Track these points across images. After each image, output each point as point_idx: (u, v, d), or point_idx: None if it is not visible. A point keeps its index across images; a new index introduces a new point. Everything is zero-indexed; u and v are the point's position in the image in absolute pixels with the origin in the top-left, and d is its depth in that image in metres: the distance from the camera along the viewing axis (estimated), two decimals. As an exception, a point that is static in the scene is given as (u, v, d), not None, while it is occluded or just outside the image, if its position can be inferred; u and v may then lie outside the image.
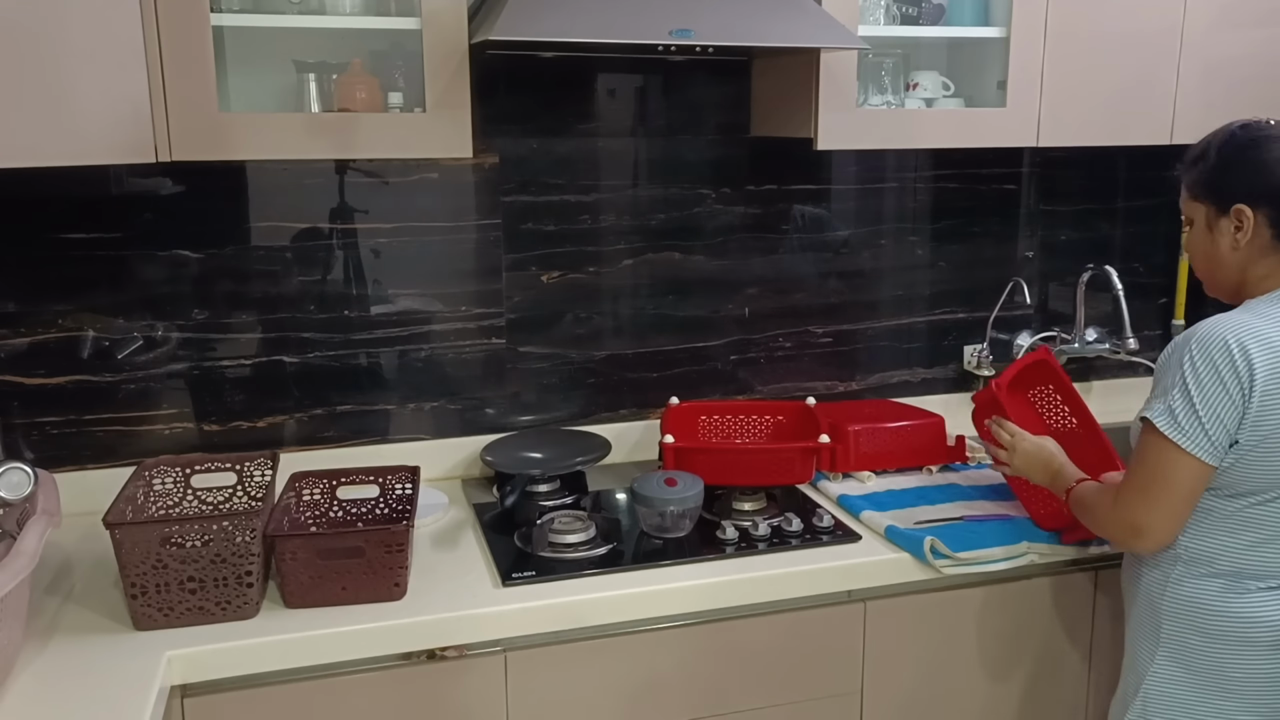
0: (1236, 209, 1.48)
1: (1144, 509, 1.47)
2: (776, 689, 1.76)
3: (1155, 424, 1.44)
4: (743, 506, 1.92)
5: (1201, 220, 1.54)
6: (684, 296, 2.25)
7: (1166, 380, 1.46)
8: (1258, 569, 1.47)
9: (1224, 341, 1.41)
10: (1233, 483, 1.45)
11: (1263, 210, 1.47)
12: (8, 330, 1.86)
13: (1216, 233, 1.51)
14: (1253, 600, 1.47)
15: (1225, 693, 1.49)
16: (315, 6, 1.75)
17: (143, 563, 1.48)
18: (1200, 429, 1.41)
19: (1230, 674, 1.48)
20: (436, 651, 1.58)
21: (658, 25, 1.66)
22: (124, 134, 1.55)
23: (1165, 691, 1.53)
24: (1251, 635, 1.47)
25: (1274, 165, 1.46)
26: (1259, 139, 1.48)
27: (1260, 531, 1.47)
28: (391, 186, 2.01)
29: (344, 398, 2.06)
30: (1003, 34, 2.02)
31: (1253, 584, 1.48)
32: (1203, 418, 1.41)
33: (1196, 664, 1.50)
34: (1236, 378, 1.40)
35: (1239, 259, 1.50)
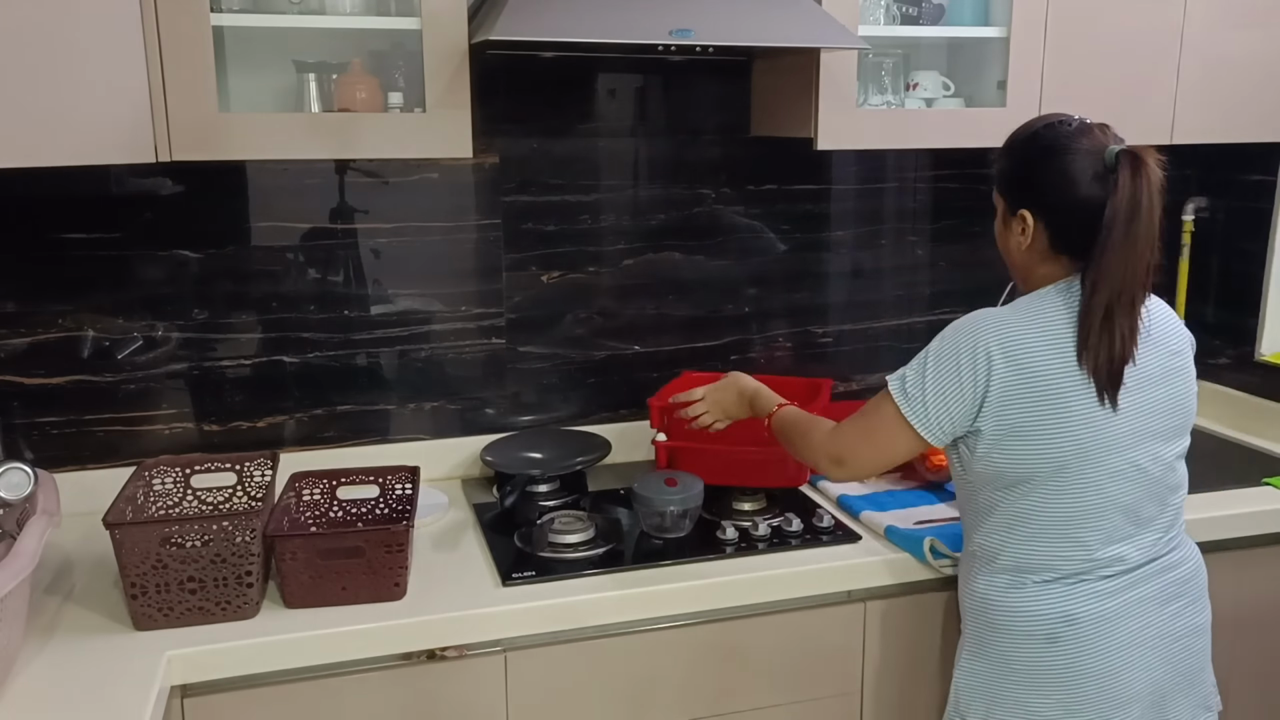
0: (1021, 213, 1.52)
1: (854, 447, 1.56)
2: (776, 689, 1.76)
3: (889, 386, 1.52)
4: (743, 506, 1.92)
5: (1000, 211, 1.58)
6: (684, 296, 2.25)
7: (920, 352, 1.52)
8: (1034, 563, 1.50)
9: (972, 341, 1.46)
10: (997, 473, 1.49)
11: (1041, 219, 1.50)
12: (8, 330, 1.86)
13: (1007, 228, 1.56)
14: (1028, 594, 1.50)
15: (1018, 684, 1.52)
16: (315, 6, 1.75)
17: (143, 563, 1.48)
18: (922, 401, 1.48)
19: (1015, 666, 1.52)
20: (436, 651, 1.58)
21: (658, 25, 1.66)
22: (124, 134, 1.55)
23: (970, 685, 1.57)
24: (1028, 628, 1.50)
25: (1059, 177, 1.46)
26: (1056, 148, 1.47)
27: (1030, 525, 1.49)
28: (391, 186, 2.02)
29: (344, 398, 2.06)
30: (1003, 34, 2.02)
31: (1029, 578, 1.50)
32: (928, 398, 1.48)
33: (991, 656, 1.54)
34: (973, 376, 1.45)
35: (1023, 258, 1.55)
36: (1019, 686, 1.51)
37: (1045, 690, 1.50)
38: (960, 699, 1.58)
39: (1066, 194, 1.46)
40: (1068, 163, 1.45)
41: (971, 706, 1.57)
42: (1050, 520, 1.48)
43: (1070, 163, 1.45)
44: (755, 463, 1.93)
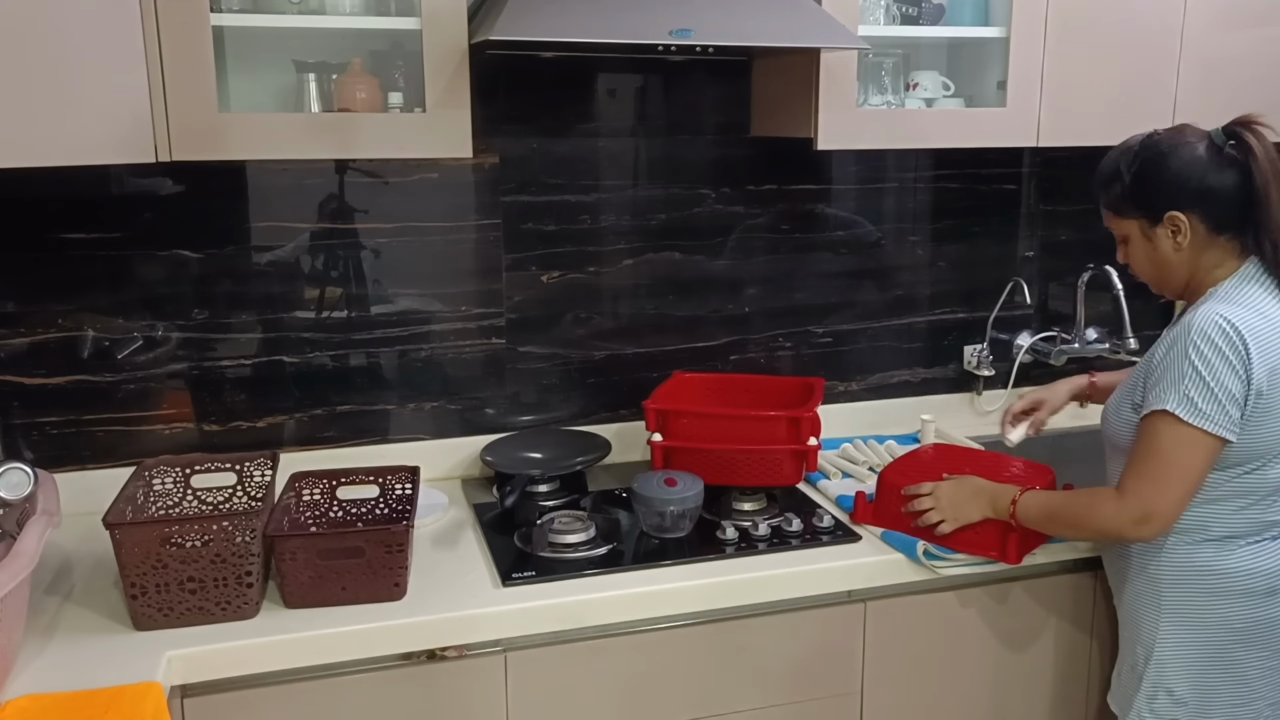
0: (1169, 216, 1.57)
1: (1157, 496, 1.52)
2: (776, 689, 1.76)
3: (1177, 414, 1.50)
4: (743, 506, 1.92)
5: (1137, 233, 1.63)
6: (684, 296, 2.25)
7: (1172, 373, 1.52)
8: (1244, 529, 1.57)
9: (1221, 327, 1.50)
10: (1227, 456, 1.53)
11: (1192, 211, 1.56)
12: (8, 330, 1.86)
13: (1155, 240, 1.60)
14: (1243, 554, 1.57)
15: (1235, 643, 1.58)
16: (315, 6, 1.75)
17: (143, 563, 1.48)
18: (1220, 409, 1.49)
19: (1235, 626, 1.58)
20: (436, 651, 1.58)
21: (658, 25, 1.66)
22: (124, 134, 1.55)
23: (1177, 654, 1.61)
24: (1248, 585, 1.57)
25: (1188, 169, 1.56)
26: (1164, 150, 1.58)
27: (1247, 498, 1.56)
28: (391, 186, 2.02)
29: (344, 398, 2.06)
30: (1003, 34, 2.02)
31: (1240, 541, 1.57)
32: (1220, 398, 1.49)
33: (1202, 622, 1.59)
34: (1239, 355, 1.49)
35: (1184, 258, 1.60)
36: (1237, 645, 1.58)
37: (1263, 642, 1.57)
38: (1165, 672, 1.61)
39: (1206, 178, 1.55)
40: (1185, 153, 1.56)
41: (1179, 677, 1.60)
42: (1263, 491, 1.55)
43: (1192, 152, 1.56)
44: (753, 462, 1.92)
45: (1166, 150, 1.57)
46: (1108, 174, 1.64)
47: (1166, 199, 1.57)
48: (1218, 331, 1.49)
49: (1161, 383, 1.53)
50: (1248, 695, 1.59)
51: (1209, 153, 1.55)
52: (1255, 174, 1.52)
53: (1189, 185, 1.55)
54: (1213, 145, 1.56)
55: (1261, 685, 1.59)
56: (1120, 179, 1.61)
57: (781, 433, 1.92)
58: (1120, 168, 1.61)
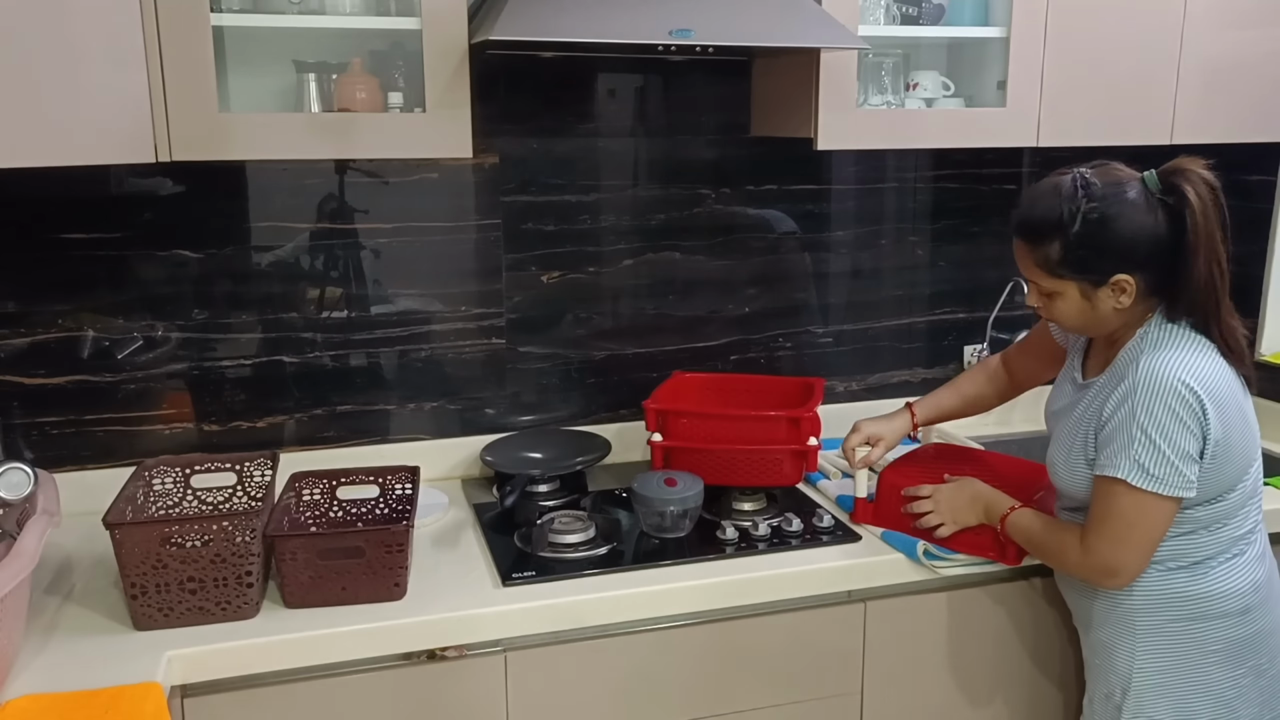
0: (1115, 280, 1.50)
1: (1119, 554, 1.52)
2: (776, 689, 1.76)
3: (1130, 482, 1.48)
4: (743, 506, 1.92)
5: (1074, 293, 1.53)
6: (684, 296, 2.25)
7: (1122, 437, 1.49)
8: (1216, 549, 1.56)
9: (1176, 389, 1.46)
10: (1203, 487, 1.51)
11: (1138, 273, 1.49)
12: (8, 330, 1.86)
13: (1094, 300, 1.53)
14: (1217, 575, 1.55)
15: (1213, 664, 1.57)
16: (315, 6, 1.75)
17: (143, 563, 1.48)
18: (1174, 471, 1.47)
19: (1210, 647, 1.57)
20: (436, 651, 1.58)
21: (658, 25, 1.66)
22: (124, 134, 1.55)
23: (1155, 681, 1.59)
24: (1223, 607, 1.55)
25: (1137, 232, 1.47)
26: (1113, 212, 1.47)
27: (1219, 521, 1.55)
28: (391, 186, 2.02)
29: (344, 398, 2.06)
30: (1003, 34, 2.02)
31: (1212, 564, 1.56)
32: (1174, 460, 1.46)
33: (1179, 646, 1.58)
34: (1195, 417, 1.46)
35: (1122, 316, 1.54)
36: (1214, 666, 1.57)
37: (1239, 660, 1.57)
38: (1144, 700, 1.59)
39: (1151, 239, 1.47)
40: (1132, 212, 1.47)
41: (1160, 703, 1.59)
42: (1226, 511, 1.54)
43: (1134, 210, 1.47)
44: (753, 462, 1.92)
45: (1115, 210, 1.47)
46: (1041, 229, 1.51)
47: (1116, 263, 1.48)
48: (1173, 395, 1.45)
49: (1112, 445, 1.50)
50: (1227, 714, 1.58)
51: (1148, 204, 1.47)
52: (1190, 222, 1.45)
53: (1140, 249, 1.48)
54: (1147, 192, 1.48)
55: (1239, 703, 1.58)
56: (1060, 238, 1.49)
57: (781, 433, 1.92)
58: (1062, 223, 1.48)
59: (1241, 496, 1.55)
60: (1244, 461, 1.53)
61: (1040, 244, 1.52)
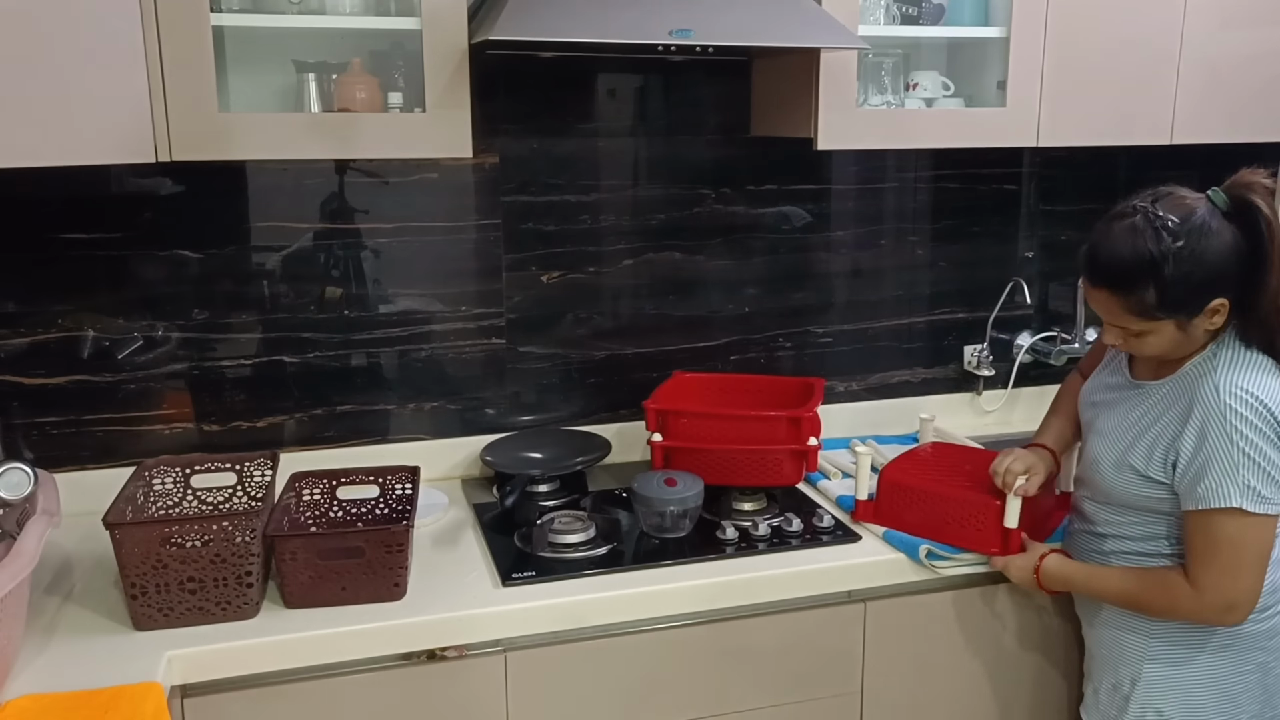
0: (1212, 306, 1.49)
1: (1238, 588, 1.49)
2: (776, 689, 1.76)
3: (1245, 509, 1.46)
4: (743, 506, 1.92)
5: (1169, 328, 1.51)
6: (684, 296, 2.25)
7: (1223, 463, 1.47)
8: None
9: (1253, 405, 1.46)
10: None
11: (1229, 294, 1.49)
12: (8, 330, 1.86)
13: (1189, 329, 1.51)
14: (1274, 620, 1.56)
15: (1217, 657, 1.57)
16: (315, 6, 1.75)
17: (143, 563, 1.48)
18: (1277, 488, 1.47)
19: (1222, 640, 1.57)
20: (436, 651, 1.58)
21: (658, 25, 1.66)
22: (124, 134, 1.55)
23: (1165, 675, 1.60)
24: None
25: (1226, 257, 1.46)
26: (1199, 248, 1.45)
27: None
28: (391, 186, 2.02)
29: (344, 398, 2.06)
30: (1003, 34, 2.02)
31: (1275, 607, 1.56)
32: (1275, 477, 1.47)
33: (1188, 640, 1.58)
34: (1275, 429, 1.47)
35: (1210, 335, 1.54)
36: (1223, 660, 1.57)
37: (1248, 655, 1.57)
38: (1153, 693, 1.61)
39: (1237, 259, 1.47)
40: (1215, 241, 1.46)
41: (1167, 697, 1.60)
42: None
43: (1216, 237, 1.46)
44: (753, 462, 1.92)
45: (1200, 245, 1.45)
46: (1133, 276, 1.47)
47: (1210, 293, 1.47)
48: (1253, 412, 1.46)
49: (1209, 474, 1.47)
50: (1233, 710, 1.59)
51: (1223, 224, 1.46)
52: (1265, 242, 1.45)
53: (1229, 272, 1.47)
54: (1219, 213, 1.47)
55: (1244, 698, 1.59)
56: (1154, 282, 1.46)
57: (781, 433, 1.92)
58: (1152, 266, 1.45)
59: None
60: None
61: (1132, 291, 1.48)
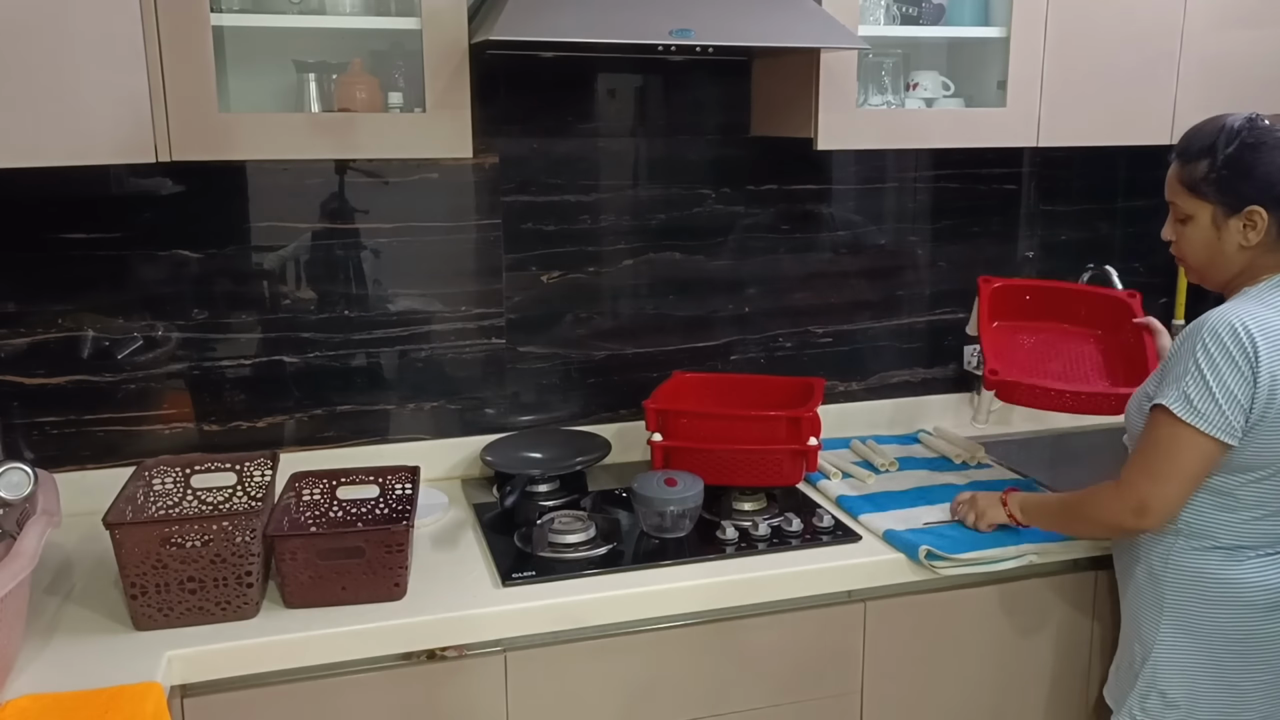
0: (1250, 210, 1.51)
1: (1154, 489, 1.52)
2: (776, 689, 1.76)
3: (1171, 409, 1.49)
4: (743, 506, 1.92)
5: (1206, 218, 1.55)
6: (684, 296, 2.25)
7: (1178, 369, 1.50)
8: (1255, 540, 1.55)
9: (1232, 326, 1.47)
10: (1237, 460, 1.51)
11: (1275, 212, 1.50)
12: (8, 330, 1.86)
13: (1224, 231, 1.54)
14: (1250, 567, 1.55)
15: (1228, 653, 1.57)
16: (315, 6, 1.75)
17: (143, 563, 1.48)
18: (1218, 410, 1.47)
19: (1231, 636, 1.57)
20: (436, 651, 1.58)
21: (658, 25, 1.66)
22: (124, 134, 1.55)
23: (1173, 658, 1.60)
24: (1250, 599, 1.55)
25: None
26: (1269, 143, 1.50)
27: (1261, 508, 1.54)
28: (391, 186, 2.01)
29: (344, 398, 2.06)
30: (1003, 34, 2.02)
31: (1250, 553, 1.55)
32: (1220, 399, 1.47)
33: (1201, 629, 1.58)
34: (1247, 359, 1.46)
35: (1245, 256, 1.55)
36: (1232, 655, 1.57)
37: (1259, 656, 1.56)
38: (1160, 674, 1.61)
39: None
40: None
41: (1173, 680, 1.60)
42: (1275, 499, 1.53)
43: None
44: (753, 462, 1.92)
45: (1271, 143, 1.49)
46: (1197, 149, 1.54)
47: (1255, 192, 1.50)
48: (1228, 331, 1.46)
49: (1167, 377, 1.52)
50: (1239, 706, 1.58)
51: None
52: None
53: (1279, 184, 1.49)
54: None
55: (1256, 699, 1.58)
56: (1211, 157, 1.51)
57: (781, 433, 1.92)
58: (1216, 145, 1.51)
59: None
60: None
61: (1190, 162, 1.54)
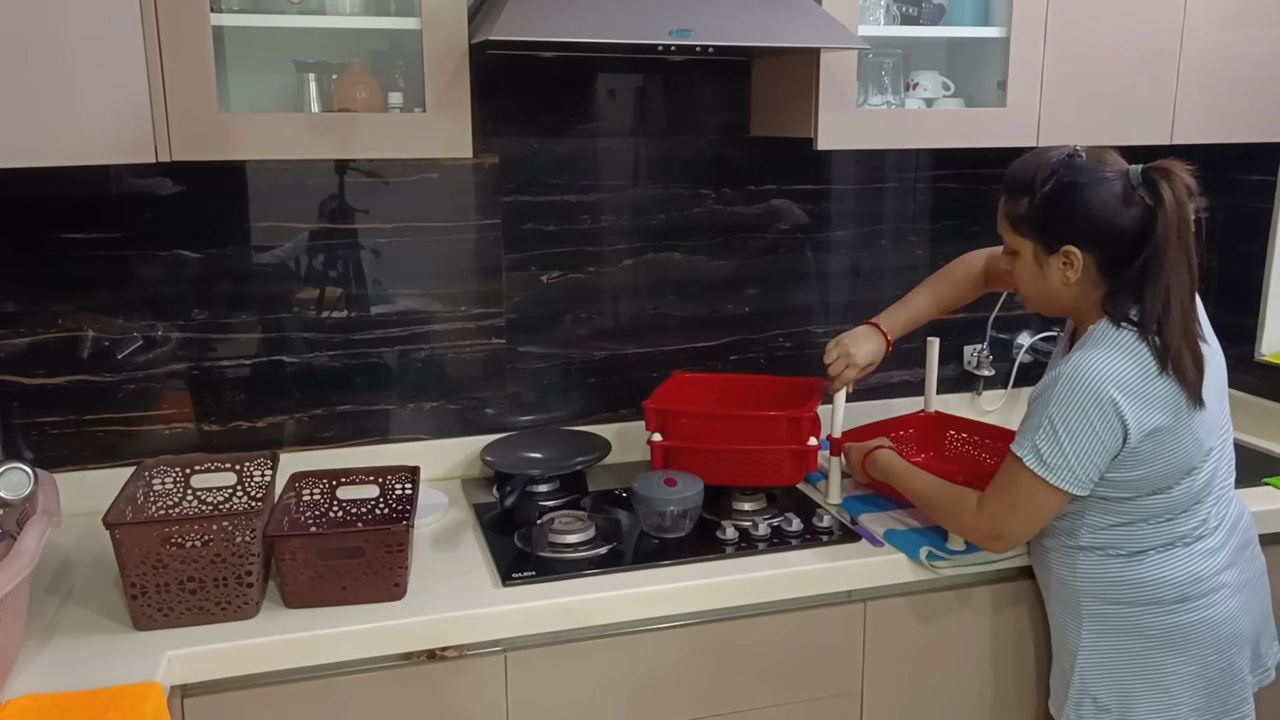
0: (1065, 250, 1.53)
1: (1009, 523, 1.59)
2: (776, 689, 1.76)
3: (1023, 460, 1.53)
4: (743, 506, 1.92)
5: (1029, 254, 1.59)
6: (684, 296, 2.25)
7: (1034, 419, 1.53)
8: (1155, 542, 1.59)
9: (1094, 394, 1.48)
10: (1128, 484, 1.54)
11: (1090, 251, 1.52)
12: (8, 330, 1.86)
13: (1046, 268, 1.57)
14: (1153, 563, 1.59)
15: (1154, 649, 1.60)
16: (315, 6, 1.75)
17: (143, 563, 1.48)
18: (1065, 465, 1.51)
19: (1147, 632, 1.60)
20: (436, 651, 1.58)
21: (658, 25, 1.66)
22: (124, 134, 1.55)
23: (1097, 661, 1.64)
24: (1157, 594, 1.59)
25: (1099, 210, 1.50)
26: (1082, 182, 1.50)
27: (1156, 517, 1.58)
28: (391, 186, 2.02)
29: (344, 398, 2.06)
30: (1003, 34, 2.02)
31: (1151, 552, 1.59)
32: (1069, 454, 1.50)
33: (1118, 629, 1.62)
34: (1107, 426, 1.49)
35: (1071, 292, 1.57)
36: (1153, 651, 1.60)
37: (1179, 648, 1.59)
38: (1088, 679, 1.64)
39: (1111, 221, 1.49)
40: (1103, 191, 1.50)
41: (1101, 684, 1.63)
42: (1168, 508, 1.56)
43: (1106, 190, 1.49)
44: (753, 462, 1.92)
45: (1085, 182, 1.50)
46: (1017, 185, 1.56)
47: (1069, 233, 1.52)
48: (1084, 391, 1.48)
49: (1025, 423, 1.56)
50: (1168, 702, 1.60)
51: (1123, 192, 1.49)
52: (1161, 221, 1.46)
53: (1095, 225, 1.50)
54: (1128, 185, 1.49)
55: (1182, 691, 1.60)
56: (1029, 195, 1.54)
57: (781, 433, 1.92)
58: (1034, 183, 1.53)
59: (1186, 496, 1.56)
60: (1182, 464, 1.53)
61: (1012, 199, 1.58)
